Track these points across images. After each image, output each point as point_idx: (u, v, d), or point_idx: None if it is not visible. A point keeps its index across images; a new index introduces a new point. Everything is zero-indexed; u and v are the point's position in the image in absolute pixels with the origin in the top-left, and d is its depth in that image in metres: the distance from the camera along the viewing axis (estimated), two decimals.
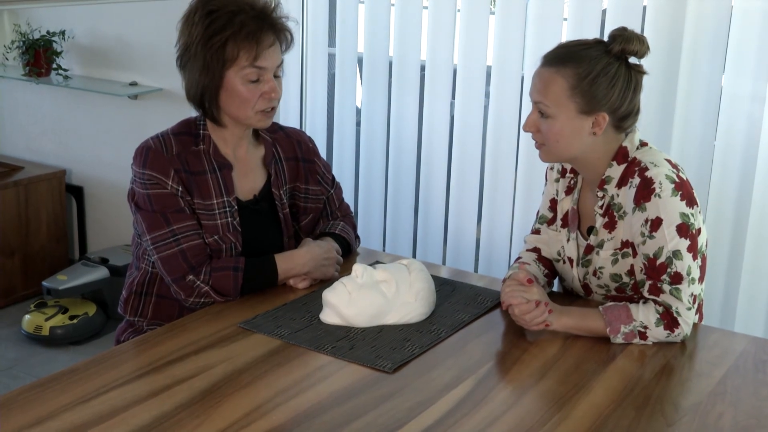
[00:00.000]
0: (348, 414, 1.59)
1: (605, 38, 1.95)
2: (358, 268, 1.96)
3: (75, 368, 1.72)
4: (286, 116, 3.63)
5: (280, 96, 2.07)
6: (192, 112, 2.13)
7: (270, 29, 2.03)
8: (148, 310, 2.14)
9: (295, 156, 2.25)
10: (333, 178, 2.35)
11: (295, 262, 2.11)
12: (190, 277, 2.01)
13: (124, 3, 3.73)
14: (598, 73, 1.89)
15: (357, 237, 2.38)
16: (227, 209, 2.09)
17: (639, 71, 1.94)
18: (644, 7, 2.92)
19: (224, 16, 1.99)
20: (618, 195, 1.96)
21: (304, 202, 2.26)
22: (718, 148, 2.89)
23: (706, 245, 2.00)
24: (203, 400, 1.61)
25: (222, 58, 2.00)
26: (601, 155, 1.97)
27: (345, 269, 2.17)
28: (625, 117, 1.94)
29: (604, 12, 3.00)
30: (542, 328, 1.90)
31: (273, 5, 2.07)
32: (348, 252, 2.31)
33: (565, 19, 3.08)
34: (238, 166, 2.14)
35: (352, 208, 2.49)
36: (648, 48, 1.93)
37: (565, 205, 2.10)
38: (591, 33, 2.96)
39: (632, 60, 1.93)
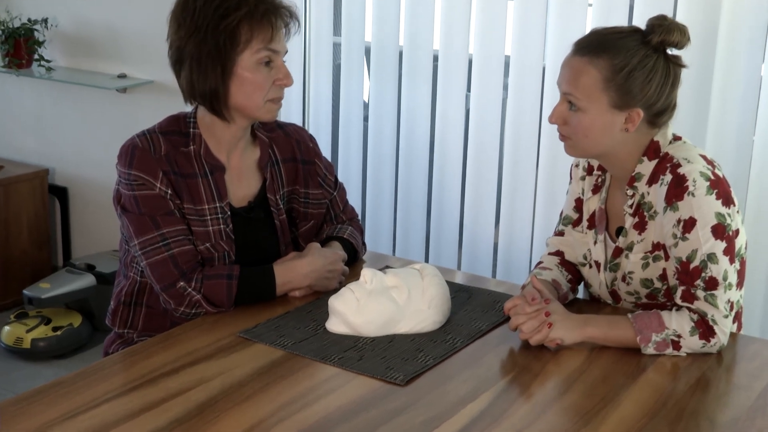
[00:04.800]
0: (357, 429, 1.60)
1: (635, 25, 1.96)
2: (367, 273, 1.97)
3: (61, 381, 1.73)
4: (288, 111, 3.64)
5: (292, 83, 2.08)
6: (185, 107, 2.13)
7: (281, 12, 2.05)
8: (138, 321, 2.15)
9: (293, 157, 2.25)
10: (336, 179, 2.36)
11: (296, 273, 2.11)
12: (181, 284, 2.01)
13: None
14: (635, 66, 1.89)
15: (363, 243, 2.39)
16: (219, 215, 2.09)
17: (678, 64, 1.94)
18: None
19: None
20: (648, 193, 1.97)
21: (303, 207, 2.26)
22: (758, 143, 2.90)
23: (745, 248, 2.01)
24: (200, 415, 1.62)
25: (235, 41, 1.99)
26: (632, 151, 1.98)
27: (352, 276, 2.17)
28: (660, 113, 1.95)
29: None
30: (553, 346, 1.90)
31: None
32: (354, 259, 2.31)
33: (590, 5, 3.09)
34: (232, 171, 2.14)
35: (359, 209, 2.50)
36: (689, 39, 1.93)
37: (592, 204, 2.11)
38: (618, 20, 2.97)
39: (670, 51, 1.94)
